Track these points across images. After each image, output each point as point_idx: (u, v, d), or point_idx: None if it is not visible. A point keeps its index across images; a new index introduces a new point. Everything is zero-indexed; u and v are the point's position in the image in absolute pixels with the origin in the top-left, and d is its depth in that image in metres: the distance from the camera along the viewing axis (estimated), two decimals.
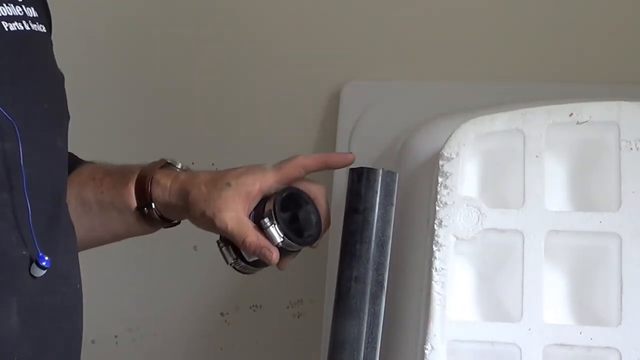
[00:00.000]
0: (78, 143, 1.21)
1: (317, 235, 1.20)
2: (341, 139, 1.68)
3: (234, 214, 1.15)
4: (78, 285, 1.07)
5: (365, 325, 1.12)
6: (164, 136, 1.78)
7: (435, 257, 1.13)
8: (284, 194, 1.18)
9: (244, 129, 1.77)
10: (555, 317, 1.12)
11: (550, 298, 1.12)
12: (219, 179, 1.16)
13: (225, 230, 1.15)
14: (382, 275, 1.14)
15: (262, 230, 1.16)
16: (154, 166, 1.20)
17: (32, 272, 0.98)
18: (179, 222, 1.25)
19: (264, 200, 1.18)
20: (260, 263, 1.18)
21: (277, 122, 1.75)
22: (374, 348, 1.12)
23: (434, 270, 1.13)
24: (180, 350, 1.81)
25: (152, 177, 1.19)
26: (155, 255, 1.80)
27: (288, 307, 1.76)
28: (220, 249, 1.19)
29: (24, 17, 1.03)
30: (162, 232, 1.81)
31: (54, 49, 1.11)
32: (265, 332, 1.78)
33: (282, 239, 1.17)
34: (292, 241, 1.18)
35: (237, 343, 1.79)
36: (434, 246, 1.13)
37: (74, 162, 1.22)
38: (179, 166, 1.21)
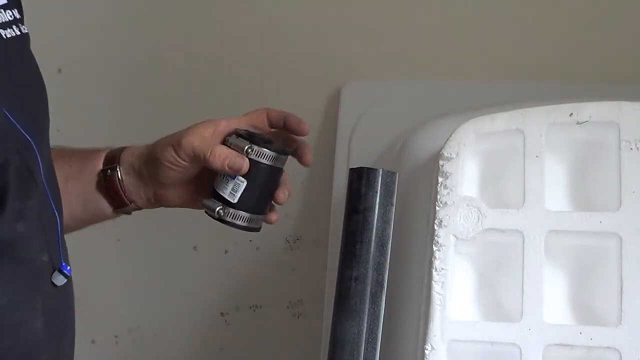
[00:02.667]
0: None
1: (286, 152, 1.16)
2: (341, 139, 1.68)
3: (200, 137, 1.13)
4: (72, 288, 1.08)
5: (365, 325, 1.12)
6: (164, 135, 1.78)
7: (435, 257, 1.13)
8: (247, 128, 1.16)
9: None
10: (555, 317, 1.12)
11: (550, 298, 1.12)
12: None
13: (192, 149, 1.13)
14: (382, 275, 1.14)
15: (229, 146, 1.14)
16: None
17: (53, 279, 1.00)
18: (134, 207, 1.21)
19: None
20: (246, 204, 1.14)
21: None
22: (374, 348, 1.12)
23: (434, 270, 1.13)
24: (180, 350, 1.81)
25: (125, 147, 1.19)
26: (155, 255, 1.80)
27: (288, 307, 1.76)
28: (204, 203, 1.16)
29: (14, 22, 1.01)
30: (162, 232, 1.81)
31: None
32: (265, 332, 1.77)
33: (249, 145, 1.13)
34: (259, 146, 1.14)
35: (237, 343, 1.79)
36: (434, 246, 1.13)
37: None
38: None
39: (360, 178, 1.15)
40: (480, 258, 1.15)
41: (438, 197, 1.14)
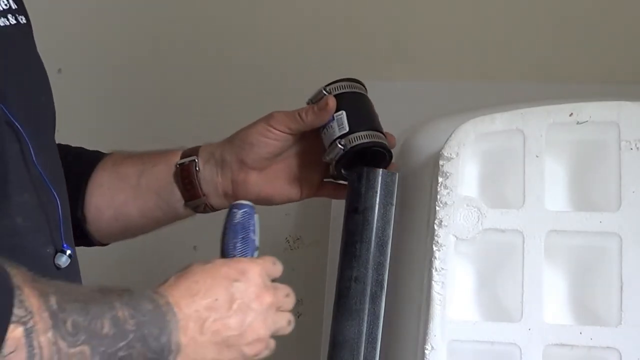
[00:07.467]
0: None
1: (361, 82, 1.23)
2: None
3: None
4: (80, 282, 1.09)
5: (365, 325, 1.12)
6: (164, 135, 1.78)
7: (435, 257, 1.13)
8: None
9: None
10: (555, 317, 1.12)
11: (550, 298, 1.12)
12: None
13: (285, 115, 1.19)
14: (382, 275, 1.14)
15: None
16: None
17: (56, 262, 1.00)
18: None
19: None
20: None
21: None
22: (374, 348, 1.12)
23: (434, 270, 1.13)
24: None
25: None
26: (155, 255, 1.80)
27: None
28: (325, 155, 1.18)
29: (9, 11, 1.02)
30: (162, 232, 1.81)
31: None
32: None
33: (324, 87, 1.20)
34: (333, 83, 1.20)
35: None
36: (434, 246, 1.13)
37: (96, 154, 1.24)
38: None
39: (360, 178, 1.15)
40: (480, 258, 1.15)
41: (438, 197, 1.14)
